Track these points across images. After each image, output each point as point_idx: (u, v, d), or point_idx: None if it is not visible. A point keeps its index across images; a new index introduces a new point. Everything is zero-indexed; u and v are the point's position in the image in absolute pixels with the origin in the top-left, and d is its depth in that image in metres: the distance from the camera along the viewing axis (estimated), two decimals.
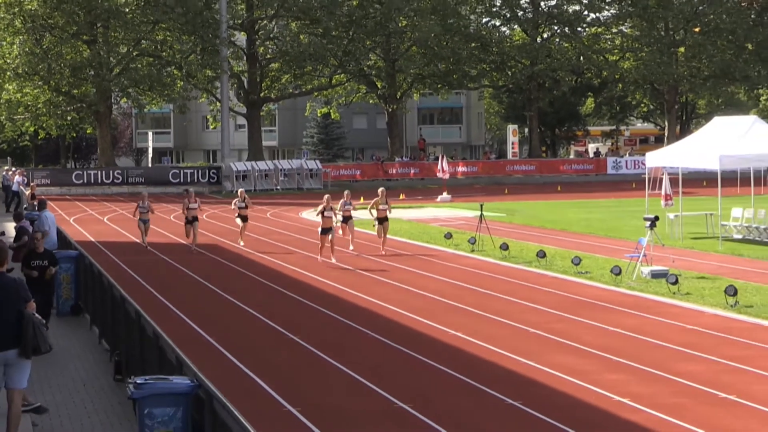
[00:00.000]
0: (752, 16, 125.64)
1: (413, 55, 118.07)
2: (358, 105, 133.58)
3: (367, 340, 28.50)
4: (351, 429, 19.92)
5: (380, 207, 45.94)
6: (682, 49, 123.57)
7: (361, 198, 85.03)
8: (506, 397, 21.94)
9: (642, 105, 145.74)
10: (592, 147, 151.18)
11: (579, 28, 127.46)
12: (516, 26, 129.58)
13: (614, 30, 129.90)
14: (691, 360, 25.15)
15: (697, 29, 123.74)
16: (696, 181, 57.73)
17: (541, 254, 42.95)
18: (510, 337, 28.15)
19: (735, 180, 57.20)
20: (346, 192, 48.17)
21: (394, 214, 69.61)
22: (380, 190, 48.46)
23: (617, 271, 38.35)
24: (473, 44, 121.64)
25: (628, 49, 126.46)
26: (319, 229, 42.84)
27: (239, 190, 54.22)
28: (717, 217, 51.69)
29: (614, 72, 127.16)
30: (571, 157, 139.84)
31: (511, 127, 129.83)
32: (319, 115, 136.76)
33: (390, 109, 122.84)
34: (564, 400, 21.82)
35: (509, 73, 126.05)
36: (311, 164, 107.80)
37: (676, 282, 35.44)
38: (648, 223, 40.94)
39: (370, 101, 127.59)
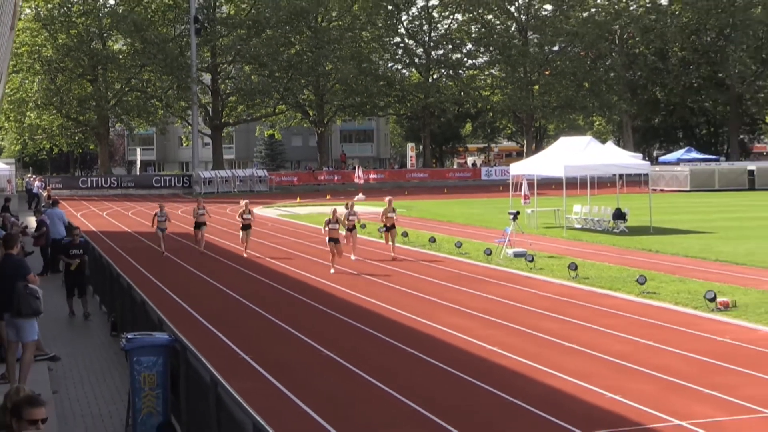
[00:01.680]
0: (588, 63, 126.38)
1: (336, 91, 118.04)
2: (295, 128, 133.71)
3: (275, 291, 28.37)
4: (291, 371, 19.71)
5: (388, 215, 39.29)
6: (536, 87, 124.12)
7: (298, 198, 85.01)
8: (408, 347, 21.82)
9: (507, 128, 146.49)
10: (470, 159, 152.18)
11: (460, 71, 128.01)
12: (413, 69, 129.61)
13: (486, 72, 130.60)
14: (546, 319, 25.14)
15: (547, 72, 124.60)
16: (547, 185, 58.06)
17: (432, 240, 42.98)
18: (411, 304, 27.98)
19: (576, 184, 57.53)
20: (349, 203, 40.97)
21: (324, 209, 69.42)
22: (387, 199, 41.36)
23: (489, 252, 38.46)
24: (381, 83, 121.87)
25: (497, 86, 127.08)
26: (327, 239, 36.14)
27: (244, 201, 42.38)
28: (562, 212, 52.08)
29: (486, 104, 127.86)
30: (455, 167, 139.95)
31: (410, 145, 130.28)
32: (266, 135, 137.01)
33: (319, 131, 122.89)
34: (452, 350, 21.70)
35: (408, 104, 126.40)
36: (260, 172, 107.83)
37: (532, 260, 35.57)
38: (511, 216, 41.07)
39: (304, 125, 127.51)
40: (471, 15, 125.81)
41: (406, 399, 17.51)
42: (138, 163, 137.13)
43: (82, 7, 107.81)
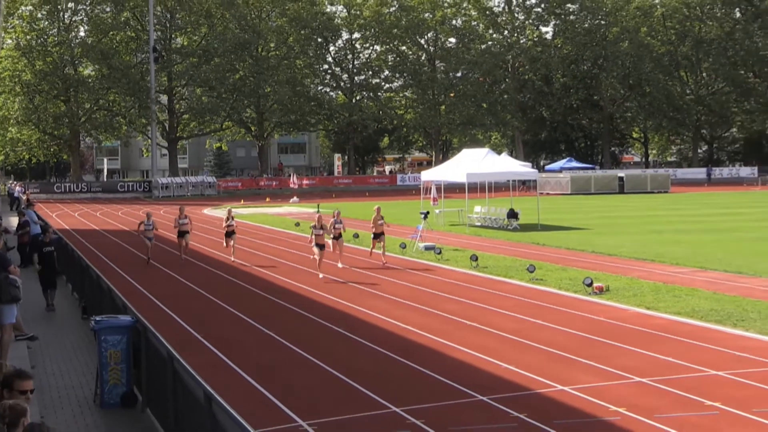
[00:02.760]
0: (485, 87, 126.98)
1: (274, 110, 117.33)
2: (239, 141, 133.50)
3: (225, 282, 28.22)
4: (234, 346, 19.59)
5: (378, 223, 34.70)
6: (443, 107, 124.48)
7: (242, 200, 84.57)
8: (335, 326, 21.77)
9: (418, 141, 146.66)
10: (387, 168, 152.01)
11: (379, 93, 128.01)
12: (339, 92, 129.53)
13: (401, 94, 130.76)
14: (452, 302, 25.18)
15: (452, 94, 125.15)
16: (452, 189, 58.20)
17: (356, 236, 42.85)
18: (339, 290, 27.94)
19: (476, 188, 57.74)
20: (336, 211, 35.31)
21: (264, 210, 69.26)
22: (376, 207, 36.07)
23: (404, 246, 38.53)
24: (312, 103, 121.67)
25: (410, 106, 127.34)
26: (313, 245, 31.52)
27: (228, 208, 38.73)
28: (465, 212, 52.24)
29: (401, 121, 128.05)
30: (375, 174, 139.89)
31: (337, 155, 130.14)
32: (214, 147, 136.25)
33: (260, 144, 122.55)
34: (372, 328, 21.66)
35: (335, 121, 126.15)
36: (209, 179, 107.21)
37: (440, 252, 35.61)
38: (422, 216, 41.13)
39: (247, 138, 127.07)
40: (388, 46, 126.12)
41: (331, 368, 17.48)
42: (105, 171, 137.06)
43: (56, 38, 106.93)
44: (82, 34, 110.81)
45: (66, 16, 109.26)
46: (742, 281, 27.79)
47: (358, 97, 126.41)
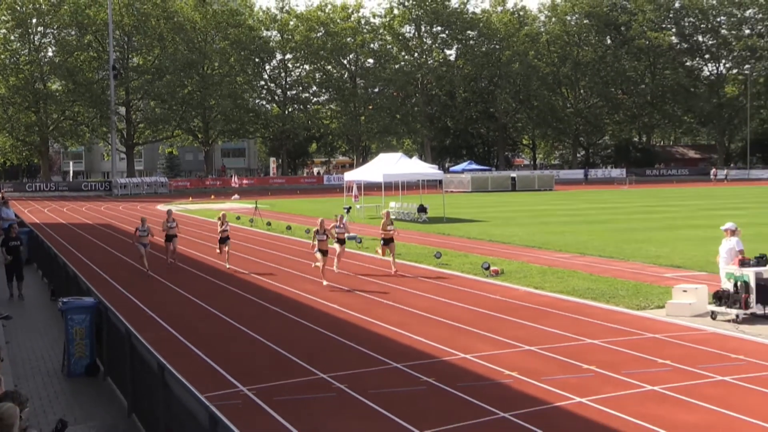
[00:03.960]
0: (399, 101, 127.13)
1: (218, 120, 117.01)
2: (188, 146, 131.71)
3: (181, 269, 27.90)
4: (183, 323, 19.35)
5: (387, 228, 28.50)
6: (363, 118, 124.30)
7: (190, 198, 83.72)
8: (269, 304, 21.65)
9: (342, 147, 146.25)
10: (316, 169, 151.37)
11: (308, 106, 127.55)
12: (274, 105, 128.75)
13: (327, 107, 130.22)
14: (370, 283, 25.19)
15: (371, 107, 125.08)
16: (371, 188, 58.28)
17: (288, 227, 42.74)
18: (274, 274, 27.80)
19: (391, 187, 57.82)
20: (339, 215, 30.16)
21: (210, 206, 68.56)
22: (385, 212, 29.96)
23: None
24: (251, 114, 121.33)
25: (334, 117, 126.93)
26: (315, 251, 26.22)
27: (221, 213, 30.92)
28: (382, 207, 52.11)
29: (327, 129, 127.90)
30: (305, 175, 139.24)
31: (272, 159, 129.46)
32: (166, 152, 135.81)
33: (206, 149, 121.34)
34: (302, 306, 21.58)
35: (270, 129, 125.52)
36: (162, 179, 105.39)
37: (360, 242, 35.61)
38: (345, 210, 41.19)
39: (195, 144, 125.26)
40: (315, 66, 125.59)
41: (267, 340, 17.38)
42: (71, 172, 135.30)
43: (27, 57, 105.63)
44: (50, 54, 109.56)
45: (36, 38, 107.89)
46: (614, 265, 28.20)
47: (290, 109, 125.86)
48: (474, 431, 11.59)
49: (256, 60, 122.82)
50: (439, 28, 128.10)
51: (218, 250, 30.22)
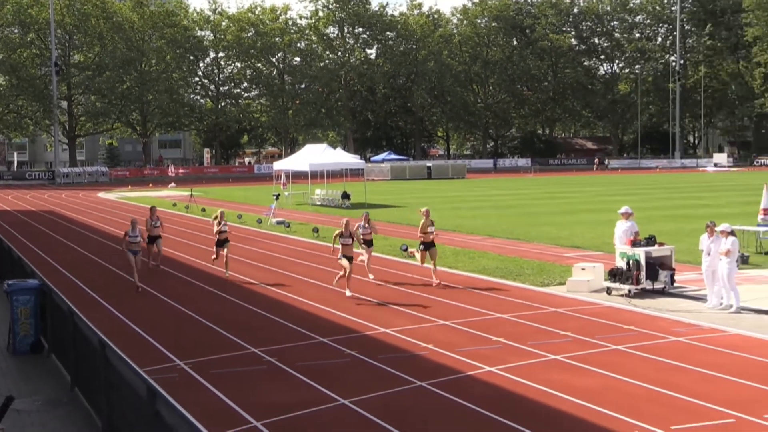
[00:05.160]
0: (324, 96, 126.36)
1: (155, 114, 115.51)
2: (127, 138, 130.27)
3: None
4: (126, 302, 19.02)
5: (428, 230, 21.12)
6: (291, 112, 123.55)
7: (129, 186, 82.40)
8: (206, 286, 21.44)
9: (271, 138, 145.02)
10: (247, 159, 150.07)
11: (239, 101, 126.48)
12: (208, 99, 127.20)
13: (257, 102, 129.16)
14: (297, 264, 25.14)
15: (298, 102, 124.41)
16: (298, 176, 57.98)
17: (236, 216, 42.25)
18: (237, 266, 27.54)
19: (317, 175, 57.63)
20: (364, 214, 23.31)
21: (148, 193, 67.47)
22: (424, 210, 21.68)
23: (260, 221, 38.21)
24: (186, 108, 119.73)
25: (264, 111, 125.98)
26: (339, 256, 20.10)
27: (219, 211, 23.94)
28: (308, 194, 52.17)
29: (257, 122, 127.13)
30: (237, 165, 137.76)
31: (206, 149, 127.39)
32: (107, 143, 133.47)
33: (144, 141, 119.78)
34: (236, 287, 21.45)
35: (204, 122, 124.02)
36: (103, 169, 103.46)
37: (288, 226, 35.47)
38: (275, 197, 40.96)
39: (134, 136, 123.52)
40: (246, 63, 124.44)
41: (204, 319, 17.23)
42: (15, 162, 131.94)
43: None
44: None
45: None
46: (520, 246, 28.56)
47: (222, 104, 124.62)
48: (394, 399, 11.65)
49: (191, 58, 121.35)
50: (360, 29, 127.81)
51: (214, 255, 23.91)
